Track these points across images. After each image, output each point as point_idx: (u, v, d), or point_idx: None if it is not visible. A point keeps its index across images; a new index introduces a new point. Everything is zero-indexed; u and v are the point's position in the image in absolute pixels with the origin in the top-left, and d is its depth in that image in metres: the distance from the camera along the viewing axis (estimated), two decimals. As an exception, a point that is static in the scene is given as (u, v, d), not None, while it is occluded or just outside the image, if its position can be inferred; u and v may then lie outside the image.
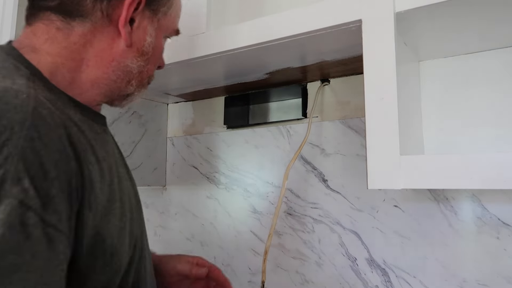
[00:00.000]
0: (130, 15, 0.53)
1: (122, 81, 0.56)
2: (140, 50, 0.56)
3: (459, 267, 0.74)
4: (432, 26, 0.62)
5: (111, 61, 0.54)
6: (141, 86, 0.60)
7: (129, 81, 0.57)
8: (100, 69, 0.54)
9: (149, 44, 0.57)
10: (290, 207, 0.96)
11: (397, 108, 0.56)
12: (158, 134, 1.21)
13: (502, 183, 0.48)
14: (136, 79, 0.58)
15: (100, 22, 0.52)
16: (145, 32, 0.56)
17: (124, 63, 0.55)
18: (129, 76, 0.57)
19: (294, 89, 0.97)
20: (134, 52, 0.56)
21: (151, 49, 0.57)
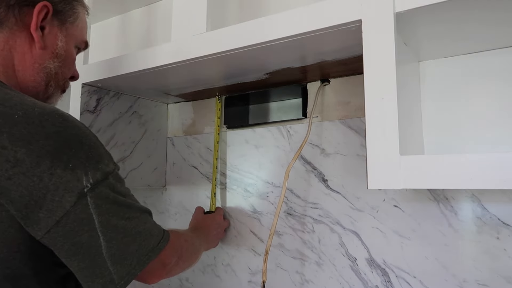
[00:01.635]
0: (40, 22, 0.61)
1: (44, 82, 0.65)
2: (54, 52, 0.64)
3: (459, 267, 0.74)
4: (432, 26, 0.62)
5: (33, 63, 0.62)
6: (58, 88, 0.68)
7: (49, 82, 0.65)
8: (27, 72, 0.62)
9: (61, 47, 0.65)
10: (290, 207, 0.96)
11: (397, 108, 0.56)
12: (158, 134, 1.21)
13: (502, 183, 0.48)
14: (54, 80, 0.66)
15: (16, 27, 0.61)
16: (56, 37, 0.65)
17: (43, 64, 0.63)
18: (49, 77, 0.65)
19: (294, 89, 0.97)
20: (50, 54, 0.64)
21: (63, 52, 0.66)
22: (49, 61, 0.64)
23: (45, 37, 0.63)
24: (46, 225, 0.49)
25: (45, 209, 0.49)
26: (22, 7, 0.61)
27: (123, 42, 1.36)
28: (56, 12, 0.64)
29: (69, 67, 0.69)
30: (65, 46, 0.66)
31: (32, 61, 0.62)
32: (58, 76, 0.67)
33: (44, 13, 0.62)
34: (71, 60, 0.69)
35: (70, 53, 0.68)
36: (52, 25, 0.64)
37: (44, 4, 0.62)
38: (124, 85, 1.01)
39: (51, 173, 0.49)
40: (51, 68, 0.65)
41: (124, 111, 1.09)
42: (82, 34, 0.71)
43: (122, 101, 1.09)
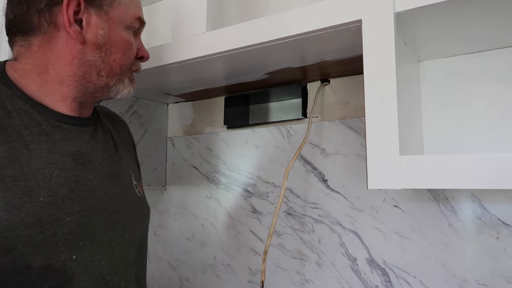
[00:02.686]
0: (72, 17, 0.59)
1: (91, 74, 0.63)
2: (95, 43, 0.62)
3: (459, 267, 0.74)
4: (432, 26, 0.62)
5: (72, 59, 0.61)
6: (115, 76, 0.65)
7: (98, 73, 0.63)
8: (63, 68, 0.61)
9: (103, 36, 0.62)
10: (290, 207, 0.96)
11: (397, 108, 0.56)
12: (158, 134, 1.21)
13: (502, 183, 0.48)
14: (104, 70, 0.63)
15: (49, 30, 0.60)
16: (96, 27, 0.61)
17: (85, 59, 0.61)
18: (96, 69, 0.63)
19: (294, 89, 0.97)
20: (90, 47, 0.61)
21: (107, 40, 0.62)
22: (91, 54, 0.61)
23: (84, 30, 0.60)
24: None
25: None
26: (51, 8, 0.59)
27: (123, 42, 1.36)
28: (89, 0, 0.60)
29: (122, 53, 0.64)
30: (108, 33, 0.62)
31: (71, 57, 0.61)
32: (108, 65, 0.63)
33: (74, 5, 0.59)
34: (122, 45, 0.64)
35: (117, 38, 0.64)
36: (89, 15, 0.61)
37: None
38: (124, 85, 1.01)
39: None
40: (95, 59, 0.62)
41: (124, 111, 1.09)
42: (131, 12, 0.65)
43: (122, 101, 1.09)
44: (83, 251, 0.57)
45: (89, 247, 0.58)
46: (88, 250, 0.58)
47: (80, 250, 0.57)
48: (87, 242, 0.58)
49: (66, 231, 0.56)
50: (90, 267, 0.58)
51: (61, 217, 0.56)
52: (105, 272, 0.60)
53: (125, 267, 0.64)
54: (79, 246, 0.57)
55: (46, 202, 0.55)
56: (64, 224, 0.56)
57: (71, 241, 0.56)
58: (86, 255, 0.58)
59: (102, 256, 0.60)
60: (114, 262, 0.62)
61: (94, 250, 0.59)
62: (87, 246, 0.58)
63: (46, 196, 0.55)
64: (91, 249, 0.59)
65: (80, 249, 0.57)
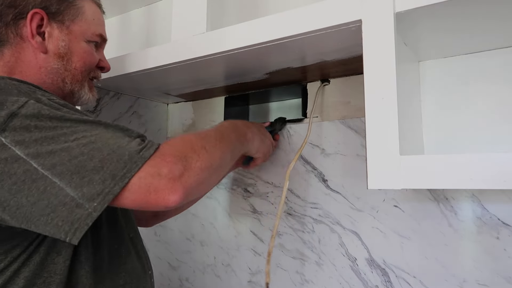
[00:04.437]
0: (35, 30, 0.65)
1: (58, 81, 0.68)
2: (57, 53, 0.67)
3: (459, 267, 0.74)
4: (432, 26, 0.62)
5: (40, 68, 0.67)
6: (78, 82, 0.70)
7: (63, 80, 0.69)
8: (35, 76, 0.66)
9: (63, 47, 0.68)
10: (290, 207, 0.95)
11: (397, 108, 0.56)
12: (158, 134, 1.21)
13: (502, 183, 0.48)
14: (67, 77, 0.69)
15: (16, 41, 0.66)
16: (58, 39, 0.67)
17: (50, 67, 0.67)
18: (61, 76, 0.68)
19: (294, 89, 0.97)
20: (53, 56, 0.67)
21: (67, 50, 0.68)
22: (54, 62, 0.67)
23: (46, 42, 0.66)
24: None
25: None
26: (17, 21, 0.65)
27: (123, 42, 1.36)
28: (52, 15, 0.67)
29: (83, 61, 0.70)
30: (68, 44, 0.68)
31: (38, 66, 0.66)
32: (71, 72, 0.69)
33: (37, 19, 0.65)
34: (82, 55, 0.70)
35: (78, 49, 0.70)
36: (52, 28, 0.67)
37: (34, 11, 0.65)
38: (124, 85, 1.01)
39: None
40: (58, 67, 0.68)
41: (124, 111, 1.09)
42: (92, 28, 0.72)
43: (122, 101, 1.09)
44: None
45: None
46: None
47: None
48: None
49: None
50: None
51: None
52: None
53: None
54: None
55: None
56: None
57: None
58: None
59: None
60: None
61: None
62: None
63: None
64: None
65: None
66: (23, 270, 0.56)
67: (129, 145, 0.53)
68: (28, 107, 0.52)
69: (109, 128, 0.55)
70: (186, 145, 0.57)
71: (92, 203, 0.49)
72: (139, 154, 0.52)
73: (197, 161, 0.56)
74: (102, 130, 0.54)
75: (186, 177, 0.53)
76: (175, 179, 0.52)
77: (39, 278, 0.56)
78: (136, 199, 0.51)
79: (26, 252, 0.56)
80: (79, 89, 0.71)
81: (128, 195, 0.51)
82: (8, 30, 0.65)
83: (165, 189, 0.51)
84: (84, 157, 0.50)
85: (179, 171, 0.53)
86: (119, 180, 0.50)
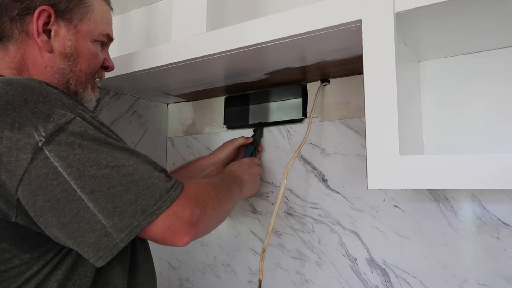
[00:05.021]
0: (42, 27, 0.63)
1: (63, 82, 0.66)
2: (63, 53, 0.65)
3: (459, 267, 0.74)
4: (432, 26, 0.62)
5: (45, 68, 0.65)
6: (81, 84, 0.69)
7: (67, 81, 0.67)
8: (42, 76, 0.64)
9: (70, 47, 0.66)
10: (290, 207, 0.95)
11: (397, 108, 0.56)
12: (158, 134, 1.21)
13: (502, 183, 0.48)
14: (72, 78, 0.67)
15: (21, 37, 0.63)
16: (64, 38, 0.65)
17: (55, 67, 0.65)
18: (66, 77, 0.67)
19: (294, 89, 0.97)
20: (59, 56, 0.65)
21: (74, 50, 0.66)
22: (60, 62, 0.65)
23: (52, 40, 0.64)
24: (12, 185, 0.49)
25: (5, 171, 0.49)
26: (23, 17, 0.62)
27: (123, 42, 1.36)
28: (60, 12, 0.64)
29: (87, 62, 0.69)
30: (75, 44, 0.66)
31: (44, 65, 0.64)
32: (75, 73, 0.67)
33: (45, 17, 0.63)
34: (88, 56, 0.68)
35: (84, 49, 0.68)
36: (59, 26, 0.65)
37: (42, 8, 0.62)
38: (124, 85, 1.01)
39: (0, 137, 0.49)
40: (64, 68, 0.66)
41: (124, 111, 1.09)
42: (99, 27, 0.70)
43: (122, 101, 1.09)
44: None
45: None
46: None
47: None
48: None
49: None
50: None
51: None
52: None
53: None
54: None
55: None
56: None
57: None
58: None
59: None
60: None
61: None
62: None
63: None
64: None
65: None
66: (55, 273, 0.55)
67: (160, 183, 0.54)
68: (75, 124, 0.52)
69: (140, 158, 0.56)
70: (205, 192, 0.61)
71: (121, 234, 0.51)
72: (168, 193, 0.54)
73: (211, 208, 0.60)
74: (136, 161, 0.54)
75: (200, 221, 0.57)
76: (191, 223, 0.55)
77: (69, 280, 0.56)
78: (156, 234, 0.54)
79: (58, 255, 0.56)
80: (83, 90, 0.70)
81: (152, 230, 0.53)
82: (13, 26, 0.63)
83: (182, 231, 0.54)
84: (122, 188, 0.51)
85: (197, 216, 0.56)
86: (148, 215, 0.52)
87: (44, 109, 0.51)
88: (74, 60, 0.67)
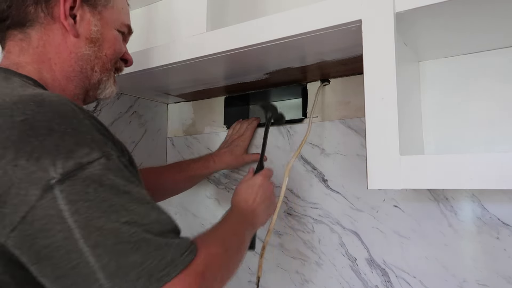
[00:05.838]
0: (68, 11, 0.61)
1: (86, 69, 0.64)
2: (89, 38, 0.63)
3: (459, 267, 0.74)
4: (432, 26, 0.62)
5: (70, 54, 0.62)
6: (106, 71, 0.67)
7: (92, 67, 0.65)
8: (65, 63, 0.62)
9: (96, 31, 0.64)
10: (290, 207, 0.95)
11: (397, 108, 0.56)
12: (158, 134, 1.21)
13: (502, 183, 0.48)
14: (97, 64, 0.65)
15: (46, 22, 0.60)
16: (89, 23, 0.63)
17: (80, 53, 0.63)
18: (91, 63, 0.64)
19: (294, 89, 0.97)
20: (84, 41, 0.63)
21: (99, 35, 0.65)
22: (86, 48, 0.63)
23: (77, 25, 0.62)
24: (11, 222, 0.43)
25: (10, 204, 0.43)
26: (48, 0, 0.60)
27: (123, 42, 1.36)
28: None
29: (113, 48, 0.67)
30: (100, 29, 0.65)
31: (68, 51, 0.62)
32: (101, 59, 0.66)
33: (71, 1, 0.61)
34: (113, 42, 0.67)
35: (110, 35, 0.66)
36: (84, 11, 0.63)
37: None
38: (124, 85, 1.01)
39: (15, 165, 0.44)
40: (89, 54, 0.64)
41: (124, 111, 1.09)
42: (121, 17, 0.69)
43: (122, 101, 1.09)
44: None
45: None
46: None
47: None
48: None
49: None
50: None
51: None
52: None
53: None
54: None
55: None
56: None
57: None
58: None
59: None
60: None
61: None
62: None
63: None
64: None
65: None
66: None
67: (173, 244, 0.48)
68: (96, 167, 0.46)
69: (155, 210, 0.50)
70: (214, 262, 0.54)
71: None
72: (181, 257, 0.47)
73: (218, 281, 0.54)
74: (153, 218, 0.48)
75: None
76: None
77: None
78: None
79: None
80: (107, 79, 0.67)
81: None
82: (38, 9, 0.60)
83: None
84: (129, 246, 0.45)
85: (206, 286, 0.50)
86: (154, 281, 0.45)
87: (70, 143, 0.46)
88: (100, 45, 0.65)
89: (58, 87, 0.61)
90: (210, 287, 0.51)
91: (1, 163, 0.44)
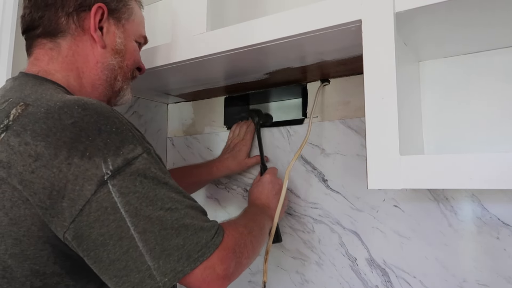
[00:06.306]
0: (97, 24, 0.65)
1: (110, 78, 0.68)
2: (114, 49, 0.68)
3: (459, 267, 0.74)
4: (432, 26, 0.62)
5: (96, 63, 0.66)
6: (127, 80, 0.72)
7: (115, 76, 0.69)
8: (92, 72, 0.66)
9: (120, 43, 0.69)
10: (290, 207, 0.95)
11: (397, 108, 0.56)
12: (158, 134, 1.21)
13: (502, 183, 0.48)
14: (120, 74, 0.70)
15: (77, 33, 0.65)
16: (114, 35, 0.68)
17: (106, 63, 0.67)
18: (114, 73, 0.69)
19: (294, 89, 0.97)
20: (110, 52, 0.68)
21: (123, 47, 0.69)
22: (111, 58, 0.68)
23: (104, 36, 0.67)
24: (70, 214, 0.49)
25: (67, 199, 0.49)
26: (79, 13, 0.65)
27: (123, 42, 1.36)
28: (111, 11, 0.67)
29: (133, 59, 0.72)
30: (124, 41, 0.69)
31: (95, 61, 0.66)
32: (123, 70, 0.70)
33: (100, 14, 0.66)
34: (133, 52, 0.72)
35: (130, 47, 0.71)
36: (109, 24, 0.68)
37: (99, 5, 0.65)
38: (124, 85, 1.01)
39: (69, 163, 0.49)
40: (114, 64, 0.68)
41: (124, 111, 1.09)
42: (139, 29, 0.74)
43: (122, 101, 1.09)
44: None
45: None
46: None
47: None
48: None
49: None
50: None
51: None
52: None
53: None
54: None
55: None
56: None
57: None
58: None
59: None
60: None
61: None
62: None
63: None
64: None
65: None
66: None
67: (206, 228, 0.55)
68: (141, 161, 0.52)
69: (188, 200, 0.56)
70: (242, 241, 0.61)
71: (164, 278, 0.50)
72: (212, 240, 0.54)
73: (246, 258, 0.61)
74: (187, 204, 0.55)
75: (234, 274, 0.58)
76: (226, 277, 0.56)
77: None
78: (191, 283, 0.53)
79: (98, 286, 0.55)
80: (126, 87, 0.72)
81: (188, 278, 0.52)
82: (70, 20, 0.64)
83: (215, 284, 0.55)
84: (172, 232, 0.51)
85: (232, 269, 0.57)
86: (192, 262, 0.52)
87: (116, 141, 0.52)
88: (123, 56, 0.70)
89: (85, 94, 0.65)
90: (239, 261, 0.59)
91: (55, 162, 0.49)
